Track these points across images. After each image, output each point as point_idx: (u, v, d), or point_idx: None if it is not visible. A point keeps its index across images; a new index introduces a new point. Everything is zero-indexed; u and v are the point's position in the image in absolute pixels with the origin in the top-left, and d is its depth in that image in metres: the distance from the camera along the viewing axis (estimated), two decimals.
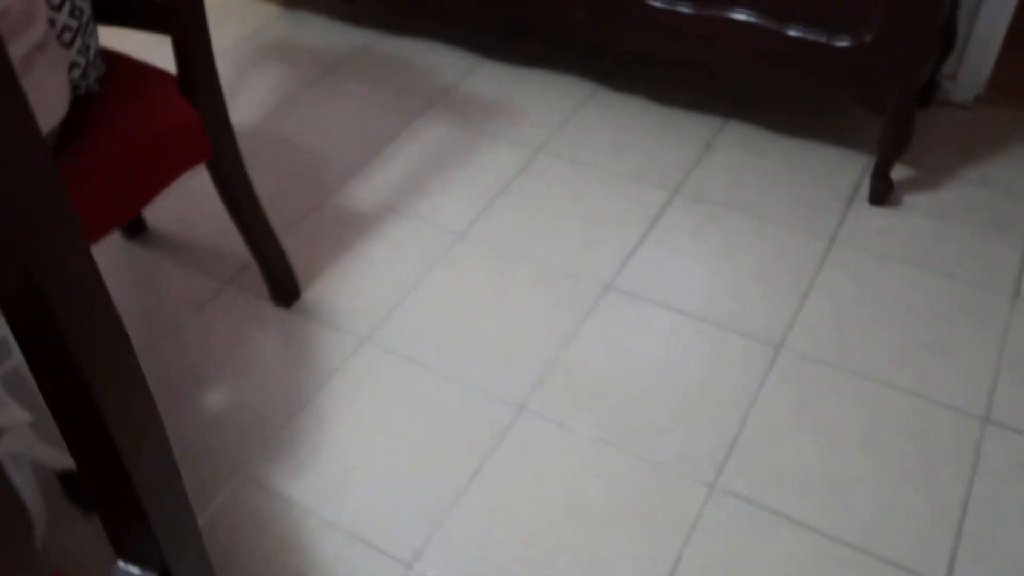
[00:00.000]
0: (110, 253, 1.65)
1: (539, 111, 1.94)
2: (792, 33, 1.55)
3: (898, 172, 1.68)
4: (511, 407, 1.35)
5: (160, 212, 1.72)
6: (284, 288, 1.51)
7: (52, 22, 1.11)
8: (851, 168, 1.76)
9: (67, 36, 1.13)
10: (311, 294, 1.55)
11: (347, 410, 1.36)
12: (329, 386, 1.40)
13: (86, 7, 1.15)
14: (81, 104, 1.17)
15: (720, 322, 1.47)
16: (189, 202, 1.75)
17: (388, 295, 1.54)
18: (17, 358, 0.96)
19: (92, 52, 1.17)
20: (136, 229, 1.66)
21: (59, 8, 1.12)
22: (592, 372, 1.40)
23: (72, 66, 1.14)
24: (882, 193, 1.64)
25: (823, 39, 1.53)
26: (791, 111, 1.91)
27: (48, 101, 1.04)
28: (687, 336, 1.45)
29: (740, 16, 1.60)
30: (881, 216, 1.66)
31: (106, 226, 1.17)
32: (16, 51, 0.99)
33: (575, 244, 1.62)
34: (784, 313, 1.48)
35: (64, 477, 1.12)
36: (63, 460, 1.04)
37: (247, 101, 2.02)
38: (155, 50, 1.37)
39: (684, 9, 1.64)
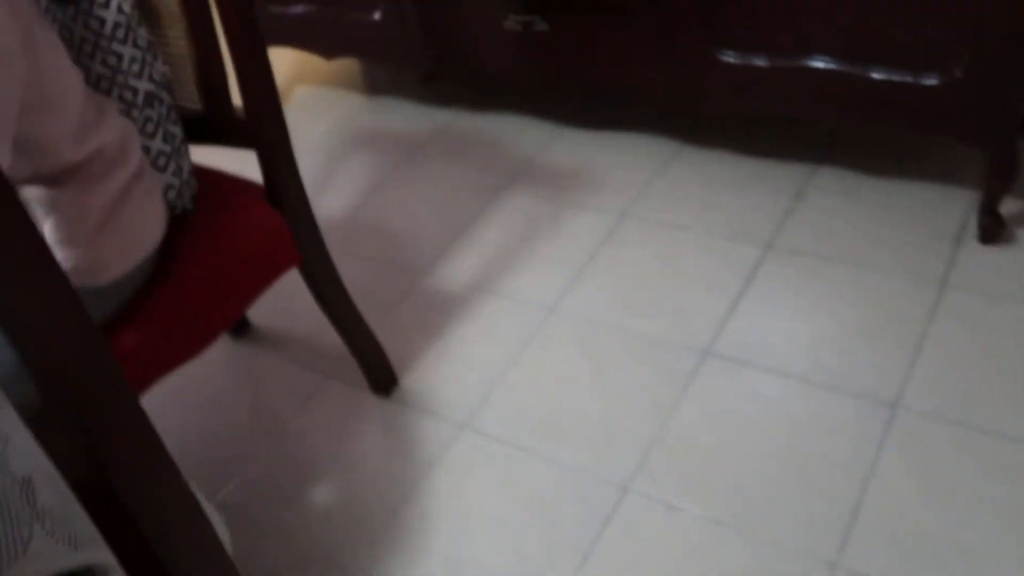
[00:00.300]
0: (218, 354, 1.71)
1: (622, 175, 1.93)
2: (876, 76, 1.50)
3: (1008, 207, 1.58)
4: (615, 489, 1.32)
5: (262, 309, 1.79)
6: (381, 378, 1.53)
7: (147, 149, 1.17)
8: (955, 206, 1.67)
9: (161, 160, 1.19)
10: (408, 381, 1.57)
11: (450, 501, 1.35)
12: (431, 477, 1.40)
13: (178, 131, 1.22)
14: (177, 222, 1.23)
15: (828, 384, 1.40)
16: (289, 297, 1.80)
17: (483, 377, 1.54)
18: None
19: (186, 172, 1.23)
20: (241, 328, 1.73)
21: (153, 135, 1.18)
22: (697, 446, 1.35)
23: (167, 188, 1.20)
24: (992, 230, 1.55)
25: (909, 79, 1.47)
26: (884, 151, 1.83)
27: (145, 228, 1.10)
28: (794, 401, 1.39)
29: (818, 64, 1.55)
30: (994, 255, 1.56)
31: (208, 337, 1.21)
32: (113, 185, 1.06)
33: (668, 311, 1.59)
34: (896, 368, 1.40)
35: None
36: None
37: (337, 191, 2.09)
38: (242, 158, 1.43)
39: (759, 62, 1.61)
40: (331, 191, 2.09)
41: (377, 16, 2.03)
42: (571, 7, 1.77)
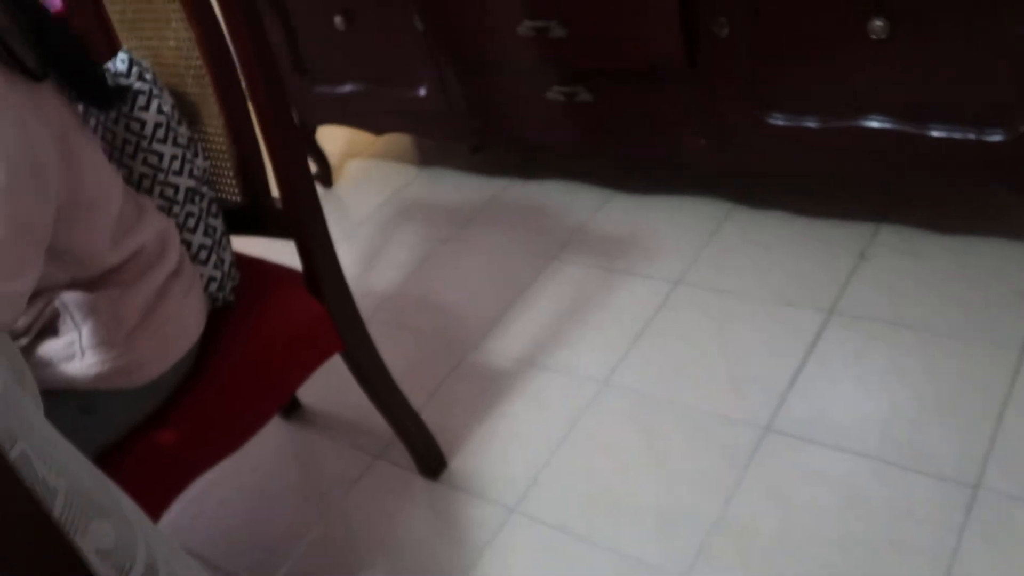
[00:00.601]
0: (270, 434, 1.70)
1: (674, 240, 1.88)
2: (935, 134, 1.43)
3: None
4: None
5: (312, 387, 1.78)
6: (429, 461, 1.49)
7: (188, 244, 1.18)
8: None
9: (203, 254, 1.20)
10: (457, 462, 1.53)
11: None
12: (480, 564, 1.35)
13: (219, 224, 1.23)
14: (217, 314, 1.22)
15: (901, 462, 1.31)
16: (341, 374, 1.80)
17: (533, 456, 1.49)
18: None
19: (227, 264, 1.23)
20: (291, 408, 1.72)
21: (194, 230, 1.19)
22: (760, 531, 1.28)
23: (209, 281, 1.20)
24: None
25: (972, 135, 1.40)
26: (951, 206, 1.74)
27: (184, 326, 1.10)
28: (864, 482, 1.30)
29: (873, 123, 1.49)
30: None
31: (249, 431, 1.20)
32: (152, 284, 1.06)
33: (726, 383, 1.52)
34: (976, 444, 1.30)
35: None
36: None
37: (389, 263, 2.09)
38: (286, 244, 1.44)
39: (810, 124, 1.56)
40: (383, 264, 2.10)
41: (422, 92, 2.04)
42: (613, 77, 1.75)
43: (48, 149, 0.89)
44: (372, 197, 2.38)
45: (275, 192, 1.22)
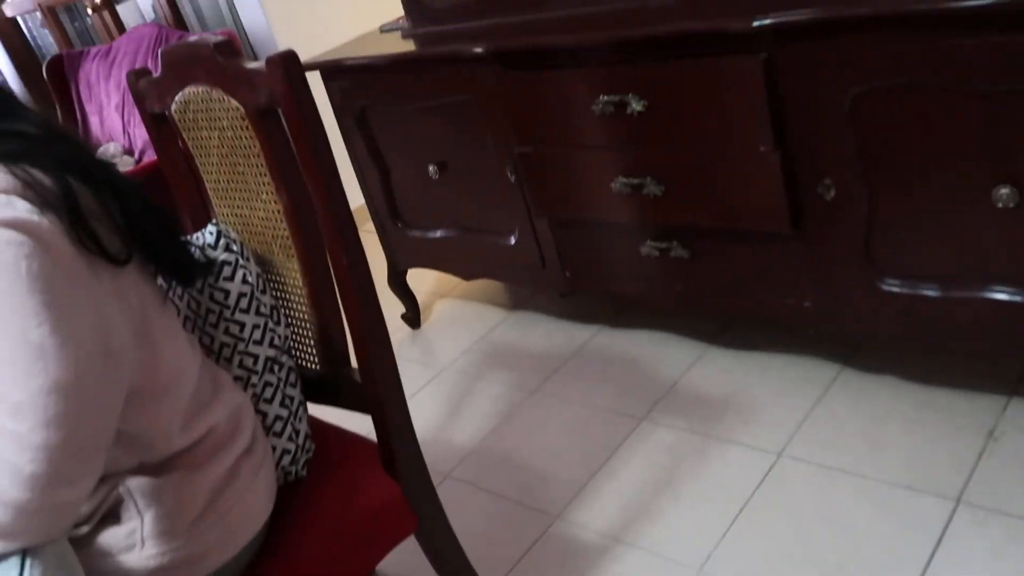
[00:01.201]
0: None
1: (775, 404, 1.75)
2: None
3: None
4: None
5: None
6: None
7: (264, 415, 1.14)
8: None
9: (278, 426, 1.15)
10: None
11: None
12: None
13: (296, 394, 1.19)
14: (288, 487, 1.16)
15: None
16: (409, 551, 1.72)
17: None
18: None
19: (302, 436, 1.18)
20: None
21: (271, 400, 1.15)
22: None
23: (282, 454, 1.15)
24: None
25: None
26: None
27: (252, 510, 1.04)
28: None
29: (1000, 295, 1.36)
30: None
31: None
32: (221, 467, 1.01)
33: None
34: None
35: None
36: None
37: (473, 413, 2.02)
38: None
39: (929, 292, 1.44)
40: (466, 414, 2.03)
41: (512, 240, 2.02)
42: (710, 234, 1.68)
43: (125, 335, 0.86)
44: (460, 339, 2.34)
45: (355, 363, 1.17)
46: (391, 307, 2.45)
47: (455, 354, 2.28)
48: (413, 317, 2.42)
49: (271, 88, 1.01)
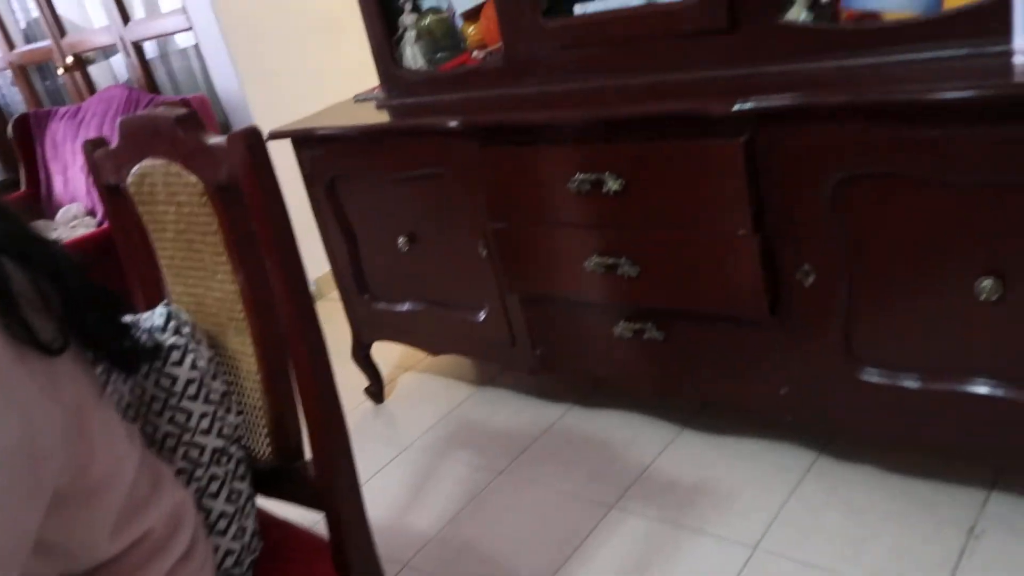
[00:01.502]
0: None
1: (749, 492, 1.69)
2: None
3: None
4: None
5: None
6: None
7: (208, 511, 1.05)
8: None
9: (222, 523, 1.06)
10: None
11: None
12: None
13: (244, 488, 1.10)
14: None
15: None
16: None
17: None
18: None
19: (248, 533, 1.09)
20: None
21: (216, 495, 1.07)
22: None
23: (225, 555, 1.06)
24: None
25: None
26: None
27: None
28: None
29: (981, 390, 1.33)
30: None
31: None
32: (156, 572, 0.92)
33: None
34: None
35: None
36: None
37: (435, 497, 1.93)
38: None
39: (909, 384, 1.40)
40: (428, 496, 1.94)
41: (482, 316, 1.96)
42: (685, 316, 1.64)
43: (53, 435, 0.78)
44: (425, 416, 2.26)
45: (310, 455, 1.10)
46: (354, 380, 2.37)
47: (419, 431, 2.20)
48: (376, 391, 2.34)
49: (232, 164, 0.96)
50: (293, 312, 1.00)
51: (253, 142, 0.94)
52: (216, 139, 0.97)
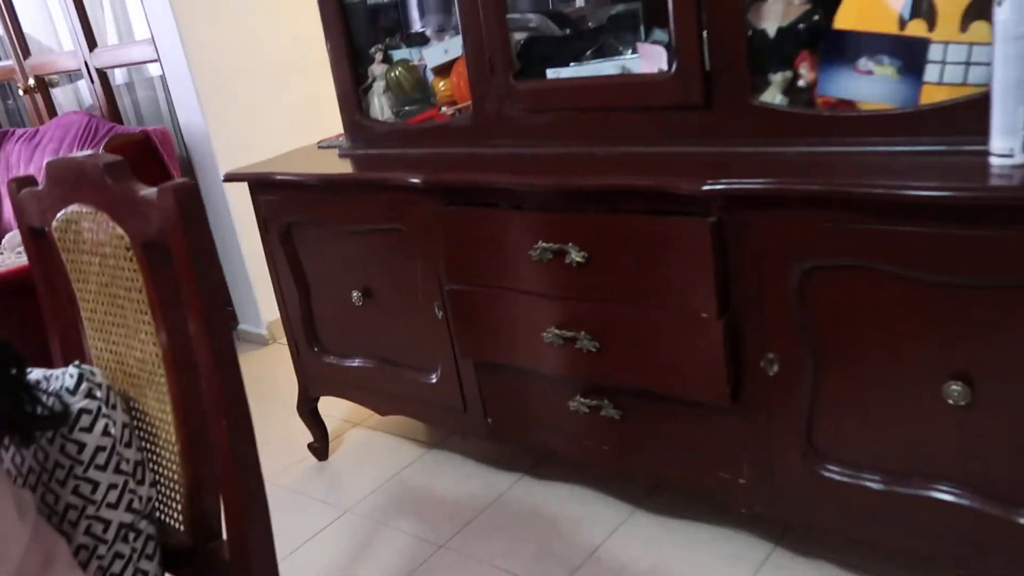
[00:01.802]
0: None
1: None
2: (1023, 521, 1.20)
3: None
4: None
5: None
6: None
7: None
8: None
9: None
10: None
11: None
12: None
13: (151, 568, 1.01)
14: None
15: None
16: None
17: None
18: None
19: None
20: None
21: None
22: None
23: None
24: None
25: None
26: None
27: None
28: None
29: (945, 496, 1.28)
30: None
31: None
32: None
33: None
34: None
35: None
36: None
37: (373, 565, 1.82)
38: None
39: (871, 483, 1.34)
40: (365, 567, 1.83)
41: (434, 379, 1.88)
42: (644, 395, 1.57)
43: None
44: (369, 477, 2.16)
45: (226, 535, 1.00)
46: (298, 434, 2.27)
47: (362, 493, 2.09)
48: (321, 448, 2.24)
49: (162, 220, 0.89)
50: (217, 382, 0.91)
51: (185, 196, 0.86)
52: (146, 191, 0.90)
